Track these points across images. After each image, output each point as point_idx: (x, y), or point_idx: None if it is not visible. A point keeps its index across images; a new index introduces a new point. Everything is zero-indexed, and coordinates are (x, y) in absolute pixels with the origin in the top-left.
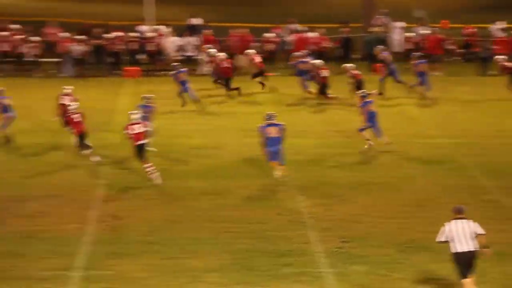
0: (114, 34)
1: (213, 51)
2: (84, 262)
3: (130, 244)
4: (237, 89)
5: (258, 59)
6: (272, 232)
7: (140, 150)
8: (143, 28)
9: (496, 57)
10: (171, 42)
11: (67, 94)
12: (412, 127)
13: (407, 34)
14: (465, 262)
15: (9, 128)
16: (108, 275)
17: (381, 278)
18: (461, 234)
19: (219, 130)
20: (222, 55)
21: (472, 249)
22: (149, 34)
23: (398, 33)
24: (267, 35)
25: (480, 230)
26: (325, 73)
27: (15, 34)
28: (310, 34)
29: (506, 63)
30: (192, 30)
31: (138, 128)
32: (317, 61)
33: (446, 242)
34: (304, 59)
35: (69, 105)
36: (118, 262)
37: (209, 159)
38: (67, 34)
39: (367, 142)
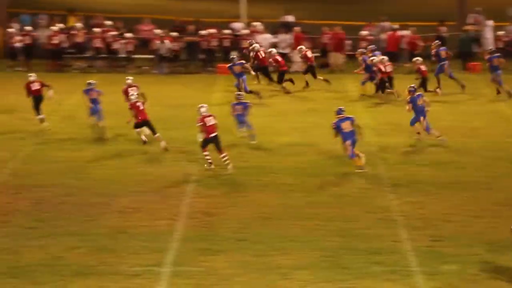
0: (207, 31)
1: (256, 46)
2: (174, 258)
3: (220, 240)
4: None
5: (309, 54)
6: (362, 230)
7: (213, 142)
8: (236, 25)
9: None
10: (264, 39)
11: (131, 85)
12: (505, 126)
13: (499, 33)
14: None
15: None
16: (198, 271)
17: (471, 278)
18: None
19: (313, 127)
20: (273, 50)
21: None
22: (243, 31)
23: (489, 32)
24: (362, 33)
25: None
26: (388, 68)
27: (109, 31)
28: (403, 32)
29: None
30: (287, 27)
31: (211, 121)
32: (378, 58)
33: None
34: (366, 56)
35: (131, 95)
36: (208, 258)
37: (302, 156)
38: (159, 31)
39: (417, 135)
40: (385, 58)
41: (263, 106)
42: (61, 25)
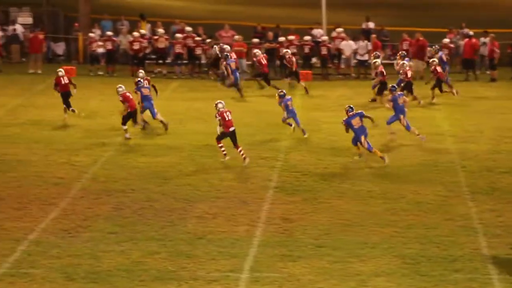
0: (286, 37)
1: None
2: (253, 264)
3: (299, 246)
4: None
5: (264, 61)
6: (441, 237)
7: (231, 136)
8: (317, 31)
9: None
10: (347, 46)
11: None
12: None
13: None
14: None
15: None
16: (277, 277)
17: None
18: None
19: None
20: (258, 51)
21: None
22: (323, 38)
23: None
24: (445, 40)
25: None
26: (409, 73)
27: (190, 37)
28: (482, 40)
29: None
30: (367, 34)
31: (229, 116)
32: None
33: None
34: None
35: (119, 87)
36: (287, 265)
37: (381, 162)
38: (237, 37)
39: (391, 135)
40: (406, 63)
41: (339, 113)
42: (143, 31)
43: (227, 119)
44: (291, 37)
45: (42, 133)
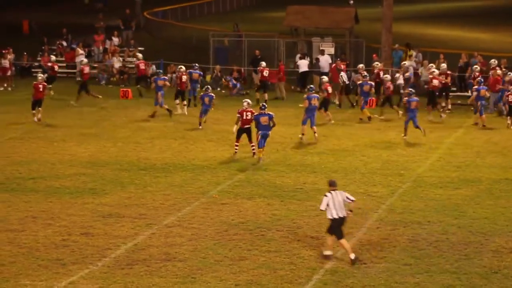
0: None
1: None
2: None
3: None
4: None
5: (266, 72)
6: None
7: (246, 132)
8: None
9: None
10: None
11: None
12: None
13: None
14: (339, 226)
15: None
16: None
17: None
18: (337, 203)
19: None
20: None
21: (344, 216)
22: None
23: None
24: None
25: (350, 197)
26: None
27: (492, 69)
28: None
29: None
30: None
31: (248, 115)
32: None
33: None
34: None
35: (39, 76)
36: None
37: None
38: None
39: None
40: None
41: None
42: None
43: (244, 117)
44: None
45: (340, 163)
